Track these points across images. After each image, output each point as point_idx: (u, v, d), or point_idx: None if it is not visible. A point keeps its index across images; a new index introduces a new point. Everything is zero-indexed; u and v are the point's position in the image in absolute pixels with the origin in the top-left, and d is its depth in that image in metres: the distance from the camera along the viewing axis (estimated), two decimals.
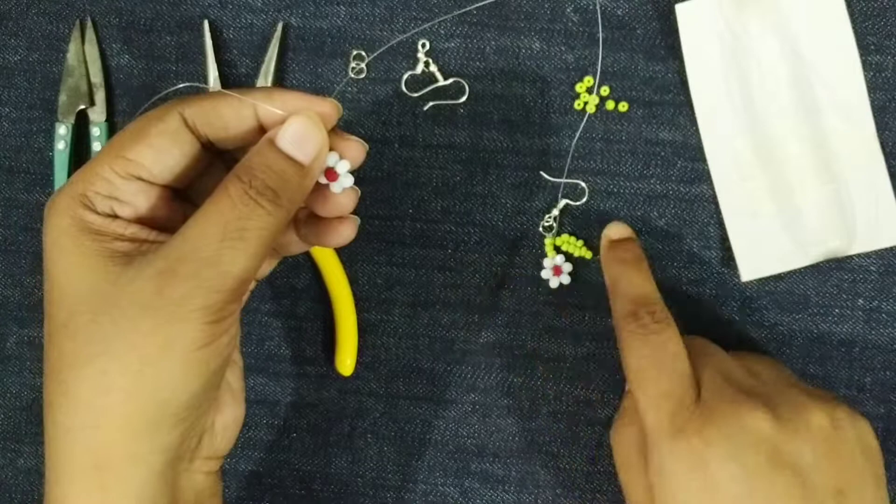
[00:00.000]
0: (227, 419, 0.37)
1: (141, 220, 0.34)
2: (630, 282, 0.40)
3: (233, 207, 0.32)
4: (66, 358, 0.32)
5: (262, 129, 0.35)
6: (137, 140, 0.34)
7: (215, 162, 0.37)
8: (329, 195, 0.36)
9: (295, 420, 0.46)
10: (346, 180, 0.36)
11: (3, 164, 0.46)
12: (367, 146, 0.37)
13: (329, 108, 0.35)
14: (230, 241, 0.31)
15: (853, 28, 0.44)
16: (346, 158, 0.36)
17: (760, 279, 0.45)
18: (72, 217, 0.33)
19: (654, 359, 0.37)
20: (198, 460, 0.35)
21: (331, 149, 0.35)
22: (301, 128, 0.34)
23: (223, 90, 0.35)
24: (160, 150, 0.34)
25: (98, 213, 0.33)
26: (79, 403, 0.32)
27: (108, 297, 0.32)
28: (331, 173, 0.35)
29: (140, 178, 0.34)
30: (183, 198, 0.36)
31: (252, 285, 0.39)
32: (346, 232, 0.37)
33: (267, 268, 0.40)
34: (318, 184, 0.35)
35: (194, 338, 0.31)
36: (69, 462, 0.32)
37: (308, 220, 0.38)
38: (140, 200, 0.34)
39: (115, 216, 0.34)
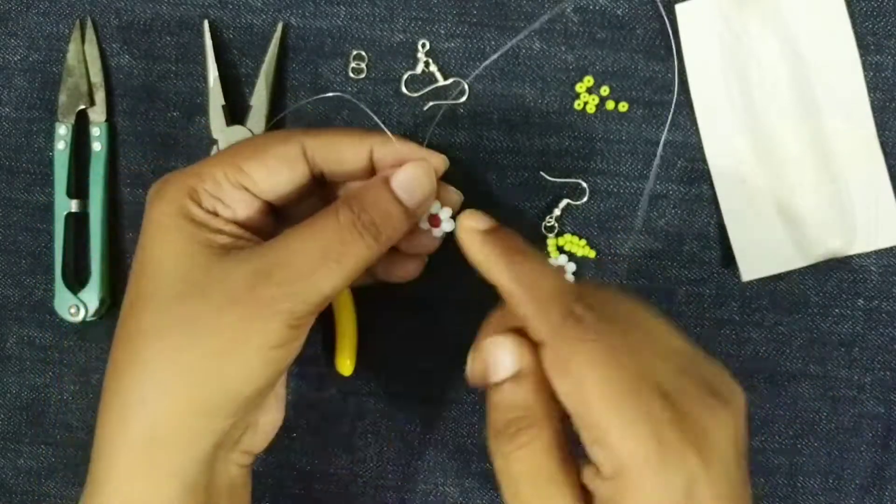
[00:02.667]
0: (269, 419, 0.39)
1: (236, 223, 0.36)
2: (545, 274, 0.34)
3: (338, 232, 0.34)
4: (144, 329, 0.34)
5: (371, 171, 0.39)
6: (255, 156, 0.36)
7: (315, 190, 0.39)
8: (418, 236, 0.40)
9: (295, 420, 0.46)
10: (447, 226, 0.39)
11: (3, 164, 0.46)
12: (462, 196, 0.41)
13: (440, 162, 0.39)
14: (328, 262, 0.34)
15: (853, 28, 0.44)
16: (447, 206, 0.40)
17: (760, 279, 0.45)
18: (178, 205, 0.35)
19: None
20: (236, 452, 0.36)
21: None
22: (414, 174, 0.37)
23: (347, 129, 0.39)
24: (273, 171, 0.37)
25: (201, 208, 0.35)
26: (148, 375, 0.33)
27: (199, 282, 0.34)
28: (435, 219, 0.40)
29: (247, 189, 0.36)
30: (276, 212, 0.39)
31: None
32: (413, 268, 0.41)
33: None
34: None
35: (273, 337, 0.33)
36: (122, 434, 0.33)
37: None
38: (241, 207, 0.36)
39: (215, 214, 0.36)
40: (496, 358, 0.34)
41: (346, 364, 0.45)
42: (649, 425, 0.30)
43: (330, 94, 0.45)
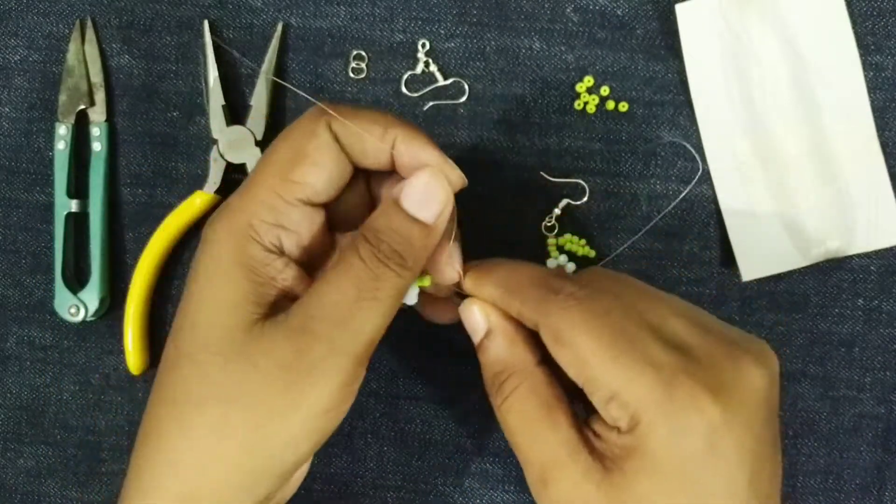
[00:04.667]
0: (302, 471, 0.37)
1: (302, 251, 0.35)
2: (518, 270, 0.37)
3: (365, 269, 0.33)
4: (186, 395, 0.32)
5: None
6: (299, 160, 0.34)
7: (357, 175, 0.37)
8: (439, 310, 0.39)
9: None
10: (411, 299, 0.37)
11: (3, 164, 0.46)
12: (464, 180, 0.37)
13: (457, 179, 0.35)
14: (364, 302, 0.32)
15: (853, 28, 0.44)
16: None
17: (760, 279, 0.45)
18: (234, 249, 0.33)
19: None
20: None
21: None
22: (425, 186, 0.34)
23: (371, 114, 0.35)
24: (322, 166, 0.34)
25: (263, 246, 0.33)
26: (189, 444, 0.32)
27: (241, 345, 0.32)
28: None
29: (304, 202, 0.34)
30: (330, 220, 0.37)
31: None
32: (452, 315, 0.38)
33: None
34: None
35: (322, 403, 0.32)
36: (157, 496, 0.32)
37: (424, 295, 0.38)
38: (304, 228, 0.34)
39: (279, 251, 0.34)
40: (469, 322, 0.36)
41: None
42: (654, 371, 0.31)
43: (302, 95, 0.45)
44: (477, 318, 0.36)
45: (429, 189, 0.34)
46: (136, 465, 0.33)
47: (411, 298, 0.36)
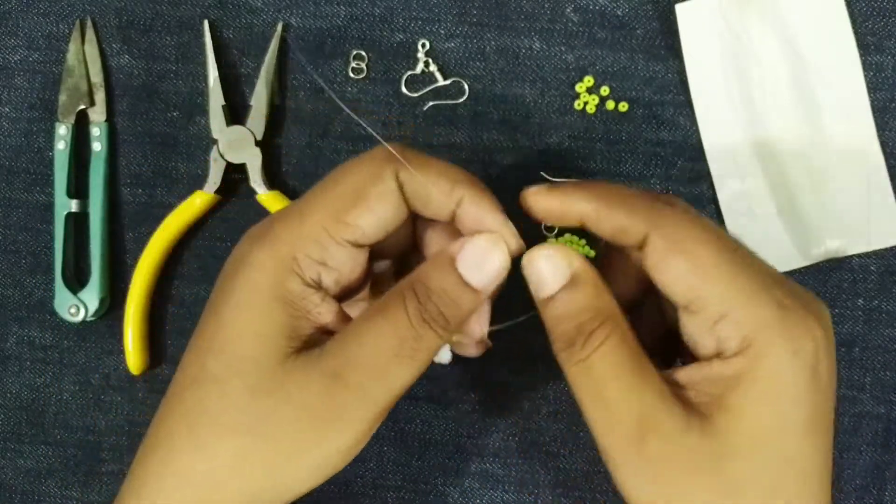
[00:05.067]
0: None
1: (340, 287, 0.34)
2: (616, 186, 0.35)
3: (408, 327, 0.32)
4: (213, 415, 0.32)
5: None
6: (357, 203, 0.32)
7: (408, 220, 0.36)
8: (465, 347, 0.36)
9: None
10: (445, 356, 0.36)
11: (3, 164, 0.46)
12: (523, 245, 0.35)
13: (515, 246, 0.34)
14: (401, 359, 0.32)
15: (853, 28, 0.44)
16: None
17: None
18: (274, 279, 0.32)
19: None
20: None
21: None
22: (483, 252, 0.33)
23: (441, 166, 0.34)
24: (379, 214, 0.33)
25: (303, 280, 0.32)
26: (203, 462, 0.32)
27: (272, 378, 0.32)
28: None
29: (352, 243, 0.33)
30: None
31: None
32: (474, 351, 0.37)
33: None
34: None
35: (342, 446, 0.32)
36: (158, 502, 0.32)
37: None
38: (346, 266, 0.33)
39: (317, 286, 0.33)
40: (544, 271, 0.33)
41: None
42: (769, 293, 0.31)
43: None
44: (556, 264, 0.33)
45: (487, 256, 0.33)
46: (140, 472, 0.33)
47: (445, 357, 0.36)
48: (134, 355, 0.45)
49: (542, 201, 0.34)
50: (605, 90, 0.45)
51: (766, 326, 0.30)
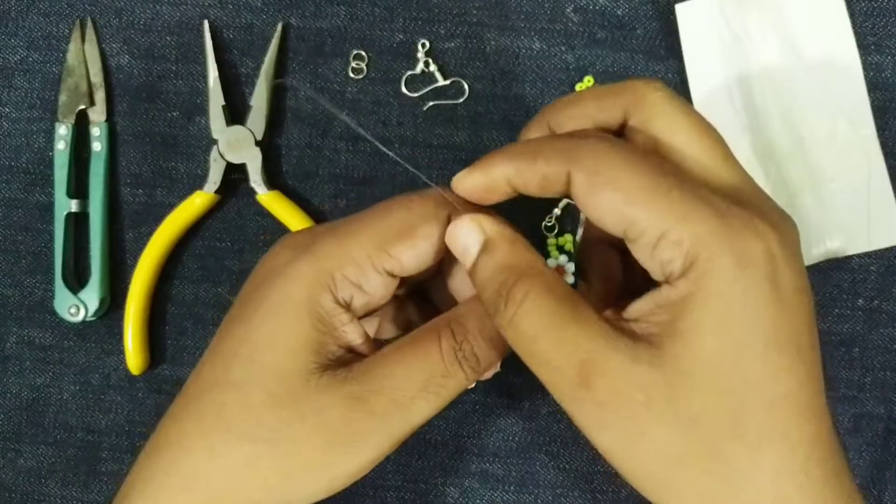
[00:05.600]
0: None
1: (367, 311, 0.34)
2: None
3: (440, 363, 0.32)
4: (229, 421, 0.32)
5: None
6: (403, 238, 0.33)
7: None
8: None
9: None
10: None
11: (3, 164, 0.46)
12: None
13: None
14: (427, 394, 0.32)
15: (853, 28, 0.44)
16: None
17: None
18: (310, 294, 0.32)
19: None
20: None
21: None
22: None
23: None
24: (420, 251, 0.33)
25: (335, 298, 0.32)
26: (214, 466, 0.32)
27: (295, 393, 0.32)
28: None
29: (389, 273, 0.33)
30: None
31: None
32: (493, 371, 0.36)
33: None
34: None
35: (351, 470, 0.32)
36: (163, 499, 0.32)
37: None
38: (378, 293, 0.34)
39: (346, 307, 0.33)
40: (461, 240, 0.33)
41: None
42: (707, 204, 0.28)
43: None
44: (469, 229, 0.32)
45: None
46: (146, 468, 0.33)
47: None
48: (134, 355, 0.45)
49: (467, 181, 0.33)
50: None
51: (706, 240, 0.27)
